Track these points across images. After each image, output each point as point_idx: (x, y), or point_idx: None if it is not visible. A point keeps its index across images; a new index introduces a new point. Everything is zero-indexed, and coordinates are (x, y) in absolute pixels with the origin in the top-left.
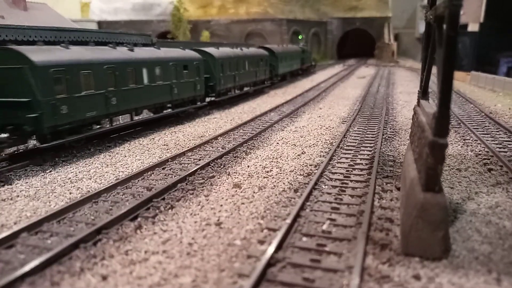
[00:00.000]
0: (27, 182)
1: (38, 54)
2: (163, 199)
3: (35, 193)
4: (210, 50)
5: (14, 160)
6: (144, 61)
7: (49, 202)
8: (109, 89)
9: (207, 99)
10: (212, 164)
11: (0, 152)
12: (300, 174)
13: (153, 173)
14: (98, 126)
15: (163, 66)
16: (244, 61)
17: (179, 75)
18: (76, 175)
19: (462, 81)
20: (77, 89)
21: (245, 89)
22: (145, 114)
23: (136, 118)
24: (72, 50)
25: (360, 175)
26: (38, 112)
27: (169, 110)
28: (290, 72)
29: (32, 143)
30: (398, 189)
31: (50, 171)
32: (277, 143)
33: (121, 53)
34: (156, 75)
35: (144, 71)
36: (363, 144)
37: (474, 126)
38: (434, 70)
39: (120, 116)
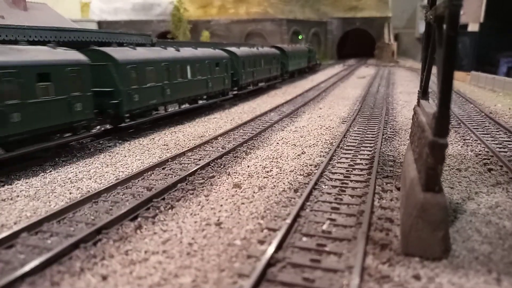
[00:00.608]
0: (27, 182)
1: (119, 54)
2: (163, 199)
3: (35, 193)
4: (234, 49)
5: (97, 136)
6: (187, 59)
7: (49, 202)
8: (164, 82)
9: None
10: (212, 164)
11: (90, 129)
12: (300, 174)
13: (153, 173)
14: (155, 112)
15: (201, 64)
16: (260, 59)
17: (212, 71)
18: (76, 175)
19: (462, 81)
20: (144, 81)
21: (260, 84)
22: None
23: (182, 107)
24: (138, 50)
25: (360, 175)
26: (119, 99)
27: (204, 101)
28: (298, 69)
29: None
30: (398, 189)
31: (50, 171)
32: (277, 143)
33: (171, 52)
34: (196, 71)
35: (188, 68)
36: (363, 144)
37: (474, 126)
38: (434, 70)
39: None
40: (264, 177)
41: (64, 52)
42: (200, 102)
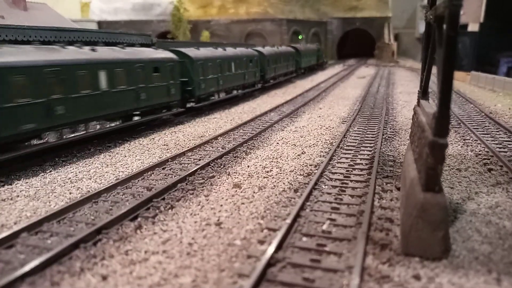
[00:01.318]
0: (27, 182)
1: (192, 53)
2: (163, 199)
3: (35, 193)
4: (261, 49)
5: (177, 114)
6: (232, 57)
7: (49, 202)
8: (219, 75)
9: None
10: (212, 164)
11: (172, 108)
12: (300, 174)
13: (153, 173)
14: (212, 98)
15: (240, 61)
16: (280, 57)
17: (248, 66)
18: (76, 175)
19: (462, 81)
20: (208, 73)
21: (279, 78)
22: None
23: (228, 95)
24: (201, 50)
25: (360, 175)
26: (192, 86)
27: (240, 90)
28: (309, 66)
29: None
30: (398, 189)
31: (50, 171)
32: (277, 143)
33: (221, 52)
34: (237, 66)
35: (232, 64)
36: (363, 144)
37: (474, 126)
38: (434, 70)
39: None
40: (264, 177)
41: (164, 52)
42: (235, 92)
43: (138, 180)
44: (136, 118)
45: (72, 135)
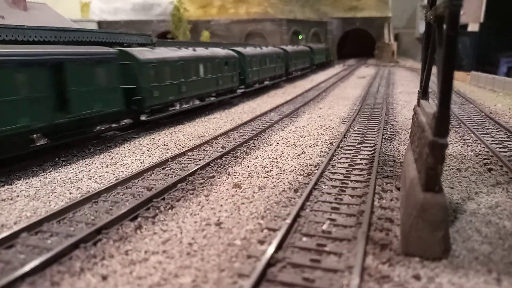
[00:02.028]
0: (27, 182)
1: (245, 51)
2: (163, 199)
3: (35, 193)
4: (285, 47)
5: (234, 97)
6: (266, 54)
7: (49, 202)
8: (261, 67)
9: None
10: (212, 164)
11: (234, 92)
12: (300, 174)
13: (153, 173)
14: (255, 85)
15: (271, 57)
16: (298, 55)
17: (276, 62)
18: (76, 175)
19: (462, 81)
20: (253, 66)
21: (294, 74)
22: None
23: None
24: (247, 49)
25: (360, 175)
26: (244, 75)
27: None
28: (320, 63)
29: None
30: (398, 189)
31: (50, 171)
32: (277, 143)
33: (264, 50)
34: (269, 62)
35: (268, 60)
36: (363, 144)
37: (474, 126)
38: (434, 70)
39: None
40: (264, 177)
41: (229, 51)
42: (268, 82)
43: (138, 180)
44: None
45: (186, 106)
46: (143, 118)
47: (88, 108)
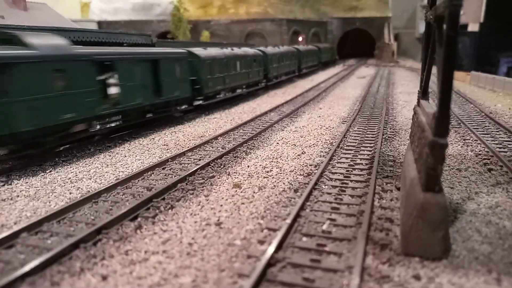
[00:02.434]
0: (27, 182)
1: (267, 50)
2: (163, 199)
3: (35, 193)
4: (299, 47)
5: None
6: (283, 53)
7: (49, 202)
8: (280, 64)
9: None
10: (212, 164)
11: (259, 84)
12: (300, 174)
13: (153, 173)
14: (275, 79)
15: (287, 55)
16: (309, 53)
17: (292, 59)
18: (76, 175)
19: (462, 81)
20: (274, 63)
21: (304, 70)
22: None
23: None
24: (268, 48)
25: (360, 175)
26: (267, 72)
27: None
28: (326, 61)
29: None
30: (398, 189)
31: (50, 171)
32: (277, 143)
33: (281, 49)
34: (287, 59)
35: (284, 58)
36: (363, 144)
37: (474, 126)
38: (434, 70)
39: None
40: (264, 177)
41: (256, 50)
42: (284, 77)
43: (138, 180)
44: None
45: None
46: (197, 103)
47: (172, 93)
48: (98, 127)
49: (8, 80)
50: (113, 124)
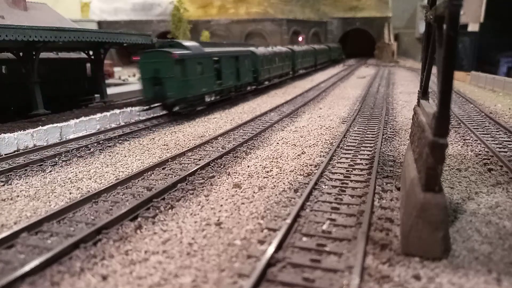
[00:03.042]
0: (27, 182)
1: (295, 48)
2: (163, 199)
3: (35, 193)
4: (314, 46)
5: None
6: (305, 51)
7: (49, 202)
8: (303, 60)
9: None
10: (212, 164)
11: (288, 75)
12: (300, 174)
13: (153, 173)
14: (301, 71)
15: (306, 53)
16: (322, 51)
17: (310, 57)
18: (76, 175)
19: (462, 81)
20: (299, 59)
21: (319, 66)
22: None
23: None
24: (295, 47)
25: (360, 175)
26: (294, 66)
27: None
28: (335, 58)
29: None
30: (398, 189)
31: (50, 171)
32: (277, 143)
33: (302, 48)
34: (306, 56)
35: (309, 55)
36: (363, 144)
37: (474, 126)
38: (434, 70)
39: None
40: (264, 177)
41: (286, 48)
42: (303, 71)
43: (138, 180)
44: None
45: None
46: (249, 88)
47: (244, 79)
48: (212, 98)
49: (183, 68)
50: (218, 97)
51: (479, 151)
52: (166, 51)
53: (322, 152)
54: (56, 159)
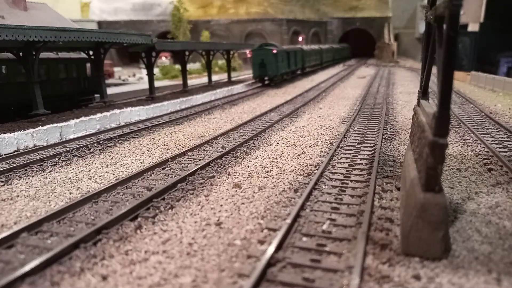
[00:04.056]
0: (27, 182)
1: (305, 48)
2: (163, 199)
3: (35, 193)
4: (321, 46)
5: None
6: (324, 49)
7: (49, 202)
8: (312, 58)
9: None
10: (212, 164)
11: (297, 71)
12: (300, 174)
13: (153, 173)
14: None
15: (314, 52)
16: (329, 51)
17: (323, 55)
18: (76, 175)
19: (462, 81)
20: (308, 57)
21: (326, 64)
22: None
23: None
24: (304, 46)
25: (360, 175)
26: (320, 60)
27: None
28: (343, 57)
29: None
30: (398, 189)
31: (50, 171)
32: (277, 143)
33: (321, 47)
34: (314, 54)
35: (324, 53)
36: (363, 144)
37: (474, 126)
38: (434, 70)
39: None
40: (264, 177)
41: (297, 47)
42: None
43: (138, 180)
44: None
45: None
46: (298, 72)
47: (295, 67)
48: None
49: (276, 58)
50: (289, 76)
51: (479, 151)
52: (269, 49)
53: (322, 152)
54: (56, 159)
